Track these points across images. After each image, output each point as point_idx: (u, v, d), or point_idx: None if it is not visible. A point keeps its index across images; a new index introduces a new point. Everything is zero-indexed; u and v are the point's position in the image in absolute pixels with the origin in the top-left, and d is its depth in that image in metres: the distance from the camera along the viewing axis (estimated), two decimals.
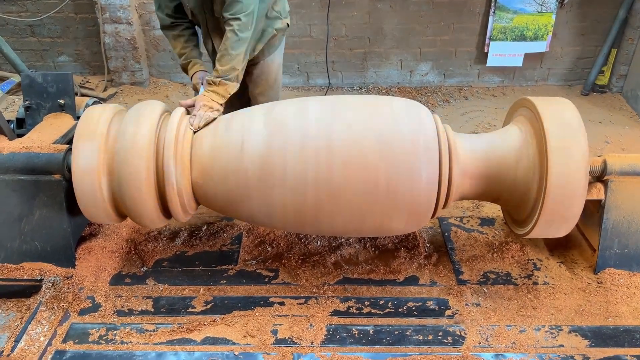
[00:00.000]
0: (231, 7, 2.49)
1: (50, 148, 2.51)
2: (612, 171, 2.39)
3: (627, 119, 4.63)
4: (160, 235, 2.88)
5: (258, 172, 2.20)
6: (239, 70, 2.56)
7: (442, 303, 2.44)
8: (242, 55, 2.55)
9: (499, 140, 2.40)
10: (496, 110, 4.77)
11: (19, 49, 5.11)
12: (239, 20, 2.49)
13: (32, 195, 2.48)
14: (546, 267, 2.62)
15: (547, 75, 5.17)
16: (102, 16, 4.82)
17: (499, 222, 2.95)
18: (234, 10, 2.48)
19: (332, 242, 2.80)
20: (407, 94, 5.06)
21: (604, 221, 2.47)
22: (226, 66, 2.51)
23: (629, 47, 4.77)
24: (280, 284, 2.55)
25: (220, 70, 2.51)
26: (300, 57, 5.11)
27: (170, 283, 2.56)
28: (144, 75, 5.16)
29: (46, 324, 2.33)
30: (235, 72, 2.54)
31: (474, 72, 5.17)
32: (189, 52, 2.83)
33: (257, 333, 2.27)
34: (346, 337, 2.26)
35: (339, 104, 2.34)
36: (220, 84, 2.51)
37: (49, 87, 2.92)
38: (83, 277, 2.54)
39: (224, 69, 2.51)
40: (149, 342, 2.25)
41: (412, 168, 2.17)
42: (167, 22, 2.80)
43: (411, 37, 4.98)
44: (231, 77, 2.53)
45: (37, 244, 2.53)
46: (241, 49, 2.53)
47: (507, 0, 4.71)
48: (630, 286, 2.46)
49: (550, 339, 2.23)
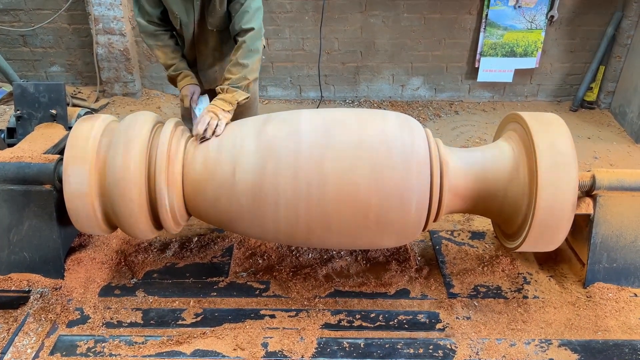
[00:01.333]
0: (242, 17, 2.49)
1: (42, 158, 2.49)
2: (601, 186, 2.41)
3: (615, 135, 4.69)
4: (151, 246, 2.86)
5: (250, 201, 2.23)
6: (250, 80, 2.54)
7: (432, 316, 2.44)
8: (254, 66, 2.54)
9: (489, 154, 2.42)
10: (486, 125, 4.82)
11: (11, 58, 5.10)
12: (251, 31, 2.50)
13: (22, 206, 2.46)
14: (536, 281, 2.63)
15: (537, 91, 5.24)
16: (95, 27, 4.83)
17: (490, 236, 2.97)
18: (244, 20, 2.49)
19: (324, 254, 2.80)
20: (398, 108, 5.10)
21: (593, 236, 2.49)
22: (237, 75, 2.50)
23: (617, 64, 4.85)
24: (271, 296, 2.54)
25: (232, 79, 2.50)
26: (292, 70, 5.14)
27: (160, 295, 2.54)
28: (136, 87, 5.16)
29: (33, 335, 2.29)
30: (246, 82, 2.52)
31: (464, 87, 5.23)
32: (177, 63, 2.78)
33: (248, 346, 2.26)
34: (337, 350, 2.25)
35: (331, 124, 2.28)
36: (228, 91, 2.49)
37: (40, 97, 2.91)
38: (72, 289, 2.51)
39: (235, 77, 2.50)
40: (137, 354, 2.22)
41: (403, 197, 2.19)
42: (149, 30, 2.71)
43: (403, 52, 5.03)
44: (241, 86, 2.51)
45: (25, 255, 2.51)
46: (253, 59, 2.52)
47: (498, 17, 4.79)
48: (619, 300, 2.48)
49: (540, 353, 2.24)
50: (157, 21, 2.71)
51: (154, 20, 2.70)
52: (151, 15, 2.68)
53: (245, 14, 2.50)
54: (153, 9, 2.66)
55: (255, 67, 2.56)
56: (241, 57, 2.51)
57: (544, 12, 4.76)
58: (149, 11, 2.66)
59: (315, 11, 4.81)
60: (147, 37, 2.76)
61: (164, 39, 2.75)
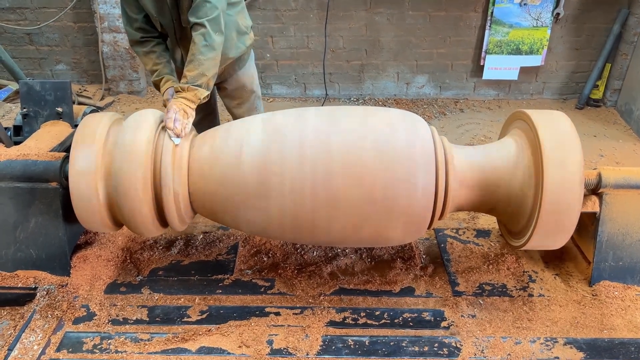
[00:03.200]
0: (197, 10, 2.41)
1: (48, 156, 2.51)
2: (607, 184, 2.41)
3: (620, 133, 4.67)
4: (156, 244, 2.87)
5: (256, 181, 2.20)
6: (208, 77, 2.45)
7: (437, 314, 2.44)
8: (212, 62, 2.45)
9: (494, 152, 2.42)
10: (492, 123, 4.81)
11: (17, 57, 5.12)
12: (204, 27, 2.41)
13: (29, 203, 2.47)
14: (541, 279, 2.62)
15: (542, 88, 5.21)
16: (100, 25, 4.84)
17: (495, 234, 2.96)
18: (199, 14, 2.41)
19: (329, 252, 2.80)
20: (403, 106, 5.09)
21: (598, 234, 2.48)
22: (194, 72, 2.42)
23: (623, 62, 4.82)
24: (276, 294, 2.55)
25: (189, 77, 2.42)
26: (297, 68, 5.14)
27: (166, 292, 2.55)
28: (141, 85, 5.17)
29: (40, 332, 2.31)
30: (205, 79, 2.44)
31: (469, 85, 5.21)
32: (161, 68, 2.71)
33: (253, 343, 2.26)
34: (342, 348, 2.25)
35: (336, 113, 2.35)
36: (189, 89, 2.42)
37: (47, 94, 2.92)
38: (78, 286, 2.53)
39: (192, 74, 2.42)
40: (143, 351, 2.23)
41: (409, 177, 2.17)
42: (136, 37, 2.68)
43: (408, 50, 5.02)
44: (200, 84, 2.43)
45: (32, 252, 2.52)
46: (210, 54, 2.44)
47: (503, 14, 4.77)
48: (625, 299, 2.47)
49: (546, 351, 2.24)
50: (144, 26, 2.68)
51: (140, 26, 2.67)
52: (136, 21, 2.65)
53: (199, 7, 2.41)
54: (135, 14, 2.64)
55: (213, 62, 2.47)
56: (197, 53, 2.42)
57: (549, 10, 4.73)
58: (132, 17, 2.64)
59: (320, 9, 4.80)
60: (134, 44, 2.74)
61: (149, 46, 2.72)
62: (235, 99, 3.05)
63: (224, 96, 3.07)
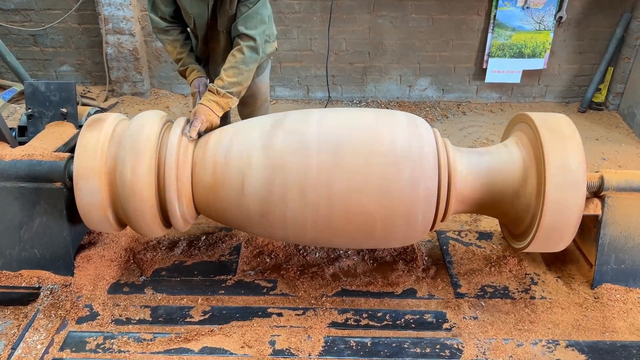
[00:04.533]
0: (248, 20, 2.44)
1: (52, 156, 2.52)
2: (609, 187, 2.41)
3: (623, 137, 4.67)
4: (159, 244, 2.88)
5: (259, 213, 2.28)
6: (243, 87, 2.52)
7: (439, 316, 2.44)
8: (250, 74, 2.51)
9: (497, 155, 2.42)
10: (494, 126, 4.81)
11: (22, 58, 5.15)
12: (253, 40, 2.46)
13: (33, 203, 2.49)
14: (543, 281, 2.62)
15: (545, 92, 5.22)
16: (105, 27, 4.87)
17: (497, 236, 2.96)
18: (249, 24, 2.45)
19: (331, 253, 2.81)
20: (406, 109, 5.10)
21: (601, 237, 2.48)
22: (233, 79, 2.46)
23: (626, 66, 4.83)
24: (279, 295, 2.55)
25: (227, 82, 2.46)
26: (300, 70, 5.16)
27: (169, 292, 2.56)
28: (145, 86, 5.19)
29: (43, 331, 2.32)
30: (240, 88, 2.50)
31: (472, 88, 5.22)
32: (185, 58, 2.77)
33: (255, 344, 2.27)
34: (344, 349, 2.26)
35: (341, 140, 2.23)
36: (224, 96, 2.47)
37: (51, 95, 2.93)
38: (81, 286, 2.54)
39: (231, 80, 2.46)
40: (146, 351, 2.24)
41: (410, 215, 2.23)
42: (161, 26, 2.72)
43: (411, 53, 5.03)
44: (234, 92, 2.49)
45: (36, 252, 2.54)
46: (252, 66, 2.49)
47: (506, 17, 4.78)
48: (627, 302, 2.47)
49: (548, 354, 2.24)
50: (169, 18, 2.73)
51: (165, 17, 2.71)
52: (164, 12, 2.69)
53: (250, 18, 2.46)
54: (166, 7, 2.68)
55: (250, 74, 2.52)
56: (240, 62, 2.47)
57: (552, 13, 4.74)
58: (161, 8, 2.68)
59: (323, 12, 4.82)
60: (158, 32, 2.79)
61: (174, 34, 2.77)
62: (248, 106, 3.09)
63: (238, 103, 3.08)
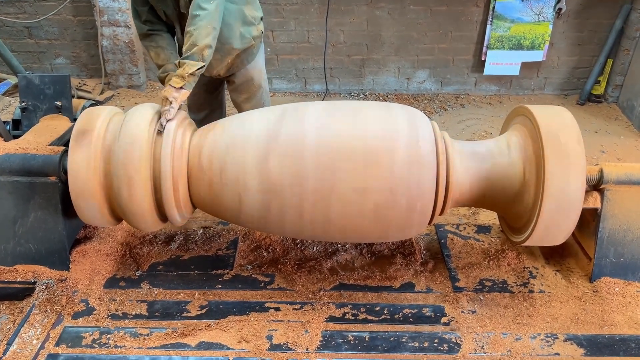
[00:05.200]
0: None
1: (47, 150, 2.49)
2: (609, 180, 2.40)
3: (622, 129, 4.66)
4: (156, 239, 2.86)
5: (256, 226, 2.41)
6: (199, 46, 2.37)
7: (438, 310, 2.43)
8: (202, 30, 2.38)
9: (496, 147, 2.40)
10: (493, 119, 4.79)
11: (16, 50, 5.10)
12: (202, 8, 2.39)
13: (27, 197, 2.46)
14: (542, 275, 2.62)
15: (544, 84, 5.20)
16: (100, 19, 4.82)
17: (495, 230, 2.95)
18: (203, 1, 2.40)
19: (329, 247, 2.79)
20: (404, 101, 5.07)
21: (600, 230, 2.47)
22: (186, 45, 2.39)
23: (625, 58, 4.80)
24: (276, 289, 2.54)
25: (183, 52, 2.40)
26: (298, 62, 5.12)
27: (165, 287, 2.54)
28: (141, 79, 5.16)
29: (39, 327, 2.30)
30: (196, 48, 2.37)
31: (471, 81, 5.19)
32: (167, 64, 2.71)
33: (252, 338, 2.26)
34: (342, 343, 2.25)
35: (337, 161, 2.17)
36: (180, 64, 2.37)
37: (46, 88, 2.91)
38: (77, 280, 2.52)
39: (184, 48, 2.39)
40: (142, 346, 2.23)
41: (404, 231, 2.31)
42: (144, 30, 2.71)
43: (409, 45, 5.00)
44: (193, 55, 2.37)
45: (31, 246, 2.52)
46: (200, 23, 2.38)
47: (505, 9, 4.75)
48: (626, 295, 2.47)
49: (546, 347, 2.23)
50: (150, 18, 2.70)
51: (147, 19, 2.69)
52: (143, 13, 2.67)
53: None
54: (141, 6, 2.67)
55: (204, 31, 2.39)
56: (188, 25, 2.41)
57: (551, 5, 4.71)
58: (139, 10, 2.67)
59: (321, 3, 4.78)
60: (142, 38, 2.78)
61: (157, 40, 2.74)
62: (242, 94, 3.05)
63: (231, 90, 3.06)
